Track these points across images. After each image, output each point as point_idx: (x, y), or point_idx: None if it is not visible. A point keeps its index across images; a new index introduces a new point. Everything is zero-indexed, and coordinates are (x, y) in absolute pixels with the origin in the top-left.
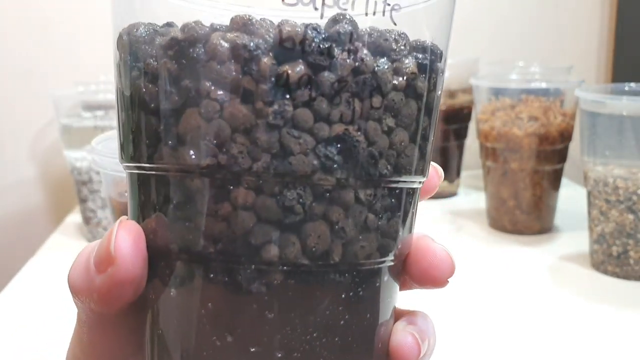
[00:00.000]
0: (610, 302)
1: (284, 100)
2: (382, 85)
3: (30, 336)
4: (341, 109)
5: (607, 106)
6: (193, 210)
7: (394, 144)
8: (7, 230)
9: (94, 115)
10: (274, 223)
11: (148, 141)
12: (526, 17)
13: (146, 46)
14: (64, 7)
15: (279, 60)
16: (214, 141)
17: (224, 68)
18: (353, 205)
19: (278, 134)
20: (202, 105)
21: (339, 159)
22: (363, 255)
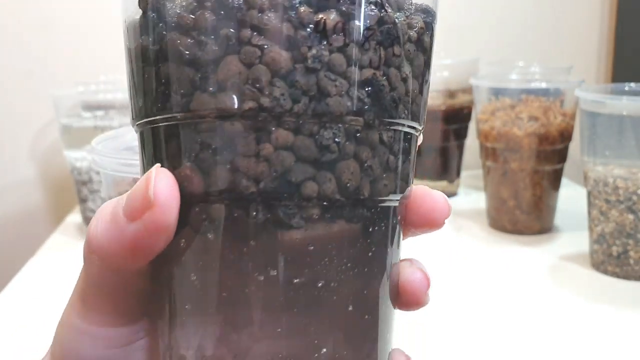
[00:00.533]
0: (610, 302)
1: (321, 45)
2: (400, 36)
3: (30, 336)
4: (369, 55)
5: (607, 106)
6: (234, 153)
7: (409, 92)
8: (7, 230)
9: (94, 115)
10: (312, 161)
11: (183, 91)
12: (526, 17)
13: (173, 2)
14: (64, 7)
15: (315, 9)
16: (256, 85)
17: (264, 16)
18: (378, 145)
19: (316, 77)
20: (242, 51)
21: (368, 101)
22: (385, 193)
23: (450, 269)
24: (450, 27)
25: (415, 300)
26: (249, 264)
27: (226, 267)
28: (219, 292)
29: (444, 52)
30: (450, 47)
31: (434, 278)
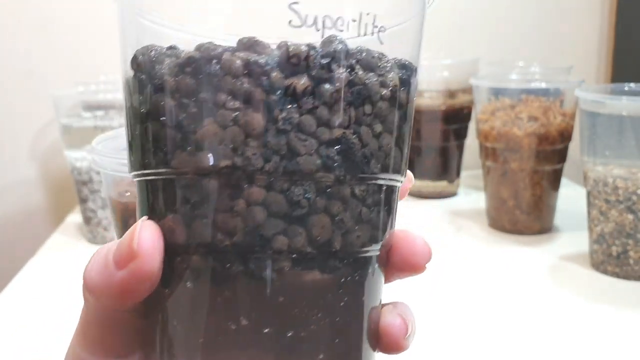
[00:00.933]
0: (610, 302)
1: (292, 108)
2: (372, 95)
3: (30, 336)
4: (339, 115)
5: (607, 106)
6: (210, 208)
7: (382, 146)
8: (7, 230)
9: (94, 115)
10: (283, 216)
11: (167, 149)
12: (526, 18)
13: (160, 65)
14: (64, 7)
15: (286, 74)
16: (230, 145)
17: (238, 82)
18: (350, 199)
19: (286, 138)
20: (218, 114)
21: (338, 159)
22: (358, 244)
23: (450, 269)
24: (450, 27)
25: (394, 345)
26: (223, 313)
27: (203, 315)
28: (197, 338)
29: (444, 52)
30: (450, 47)
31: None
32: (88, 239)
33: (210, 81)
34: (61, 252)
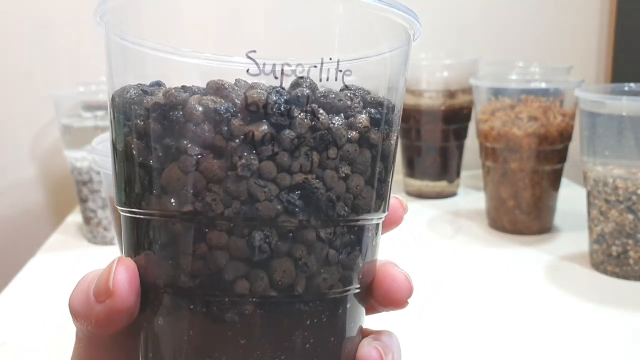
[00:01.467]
0: (610, 302)
1: (250, 155)
2: (337, 139)
3: (30, 336)
4: (300, 161)
5: (607, 106)
6: (175, 250)
7: (350, 188)
8: (7, 230)
9: (94, 115)
10: (245, 260)
11: (137, 190)
12: (526, 18)
13: (135, 106)
14: (64, 7)
15: (246, 121)
16: (191, 191)
17: (198, 129)
18: (315, 242)
19: (246, 184)
20: (180, 160)
21: (300, 204)
22: (325, 287)
23: (450, 269)
24: (450, 27)
25: None
26: (189, 351)
27: (172, 351)
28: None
29: (444, 52)
30: (450, 47)
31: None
32: (88, 239)
33: (173, 127)
34: (61, 252)
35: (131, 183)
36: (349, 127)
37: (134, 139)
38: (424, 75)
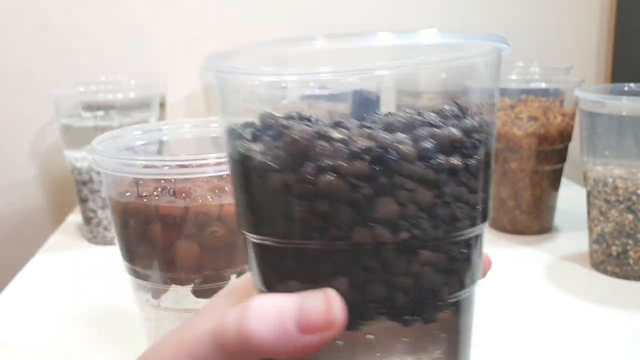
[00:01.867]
0: (610, 302)
1: (454, 183)
2: (492, 160)
3: (30, 336)
4: (481, 181)
5: (607, 106)
6: (388, 271)
7: (489, 198)
8: (7, 229)
9: (94, 115)
10: (445, 271)
11: (344, 225)
12: (526, 18)
13: (322, 150)
14: (64, 7)
15: (447, 156)
16: (408, 220)
17: (413, 165)
18: (482, 245)
19: (449, 208)
20: (397, 194)
21: (480, 215)
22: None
23: None
24: (449, 28)
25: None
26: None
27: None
28: None
29: (444, 53)
30: (449, 48)
31: None
32: (88, 239)
33: (389, 167)
34: (61, 252)
35: (331, 219)
36: (491, 149)
37: (336, 179)
38: (422, 77)
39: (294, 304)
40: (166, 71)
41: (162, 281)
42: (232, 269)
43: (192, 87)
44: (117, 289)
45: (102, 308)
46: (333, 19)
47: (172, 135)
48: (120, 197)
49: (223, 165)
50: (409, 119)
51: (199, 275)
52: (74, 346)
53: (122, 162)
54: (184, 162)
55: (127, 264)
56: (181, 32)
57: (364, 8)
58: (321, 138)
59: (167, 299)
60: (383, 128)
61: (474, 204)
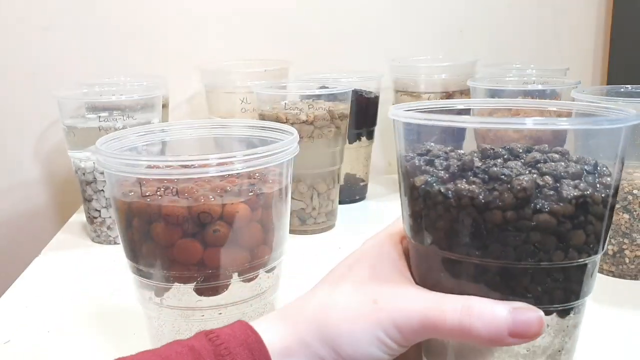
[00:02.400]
0: (606, 301)
1: (608, 219)
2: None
3: (35, 334)
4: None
5: None
6: (569, 281)
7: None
8: (12, 229)
9: (97, 116)
10: (589, 280)
11: (550, 249)
12: (523, 21)
13: (543, 193)
14: (67, 9)
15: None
16: (590, 244)
17: (600, 208)
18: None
19: (605, 236)
20: (586, 228)
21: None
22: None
23: None
24: (448, 29)
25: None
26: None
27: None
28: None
29: (443, 54)
30: (448, 49)
31: None
32: (92, 238)
33: (586, 209)
34: (65, 251)
35: (541, 245)
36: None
37: (547, 216)
38: (422, 77)
39: (508, 315)
40: (169, 73)
41: (165, 279)
42: (233, 268)
43: (194, 89)
44: (121, 287)
45: (106, 306)
46: (333, 19)
47: (175, 136)
48: (123, 196)
49: (224, 166)
50: (578, 168)
51: (201, 273)
52: (78, 344)
53: (125, 162)
54: (186, 162)
55: (131, 263)
56: (183, 34)
57: (364, 6)
58: (537, 186)
59: (170, 296)
60: (569, 176)
61: (607, 235)
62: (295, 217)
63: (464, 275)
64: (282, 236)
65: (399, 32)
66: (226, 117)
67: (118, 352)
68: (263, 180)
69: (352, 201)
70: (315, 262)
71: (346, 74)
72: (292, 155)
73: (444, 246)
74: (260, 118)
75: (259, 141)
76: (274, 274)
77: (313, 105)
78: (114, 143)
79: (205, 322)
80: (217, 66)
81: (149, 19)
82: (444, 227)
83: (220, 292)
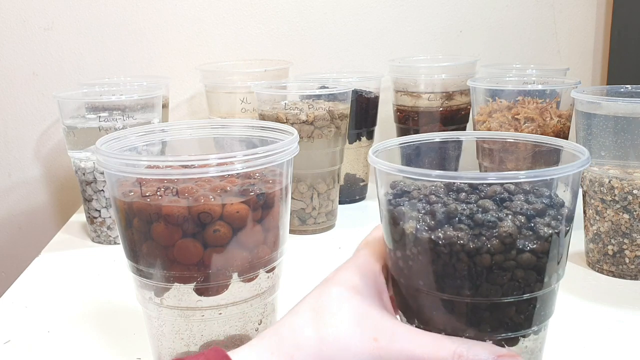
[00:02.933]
0: (606, 301)
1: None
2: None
3: (35, 333)
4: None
5: (603, 107)
6: (551, 303)
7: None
8: (12, 228)
9: (98, 116)
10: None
11: (533, 282)
12: (523, 20)
13: (527, 236)
14: (68, 10)
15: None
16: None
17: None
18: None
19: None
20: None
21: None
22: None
23: None
24: (448, 29)
25: None
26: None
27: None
28: None
29: (443, 54)
30: (448, 49)
31: None
32: (92, 238)
33: (557, 245)
34: (65, 251)
35: (525, 280)
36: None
37: (530, 255)
38: (422, 77)
39: (491, 356)
40: (169, 73)
41: (165, 279)
42: (233, 268)
43: (194, 89)
44: (121, 287)
45: (106, 306)
46: (333, 19)
47: (175, 136)
48: (124, 196)
49: (224, 166)
50: (541, 205)
51: (201, 273)
52: (78, 343)
53: (125, 162)
54: (186, 162)
55: (131, 263)
56: (183, 35)
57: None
58: (522, 230)
59: (170, 297)
60: (537, 214)
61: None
62: (295, 217)
63: (455, 313)
64: (282, 236)
65: (399, 32)
66: (226, 117)
67: (118, 352)
68: (263, 180)
69: (352, 201)
70: (315, 262)
71: (346, 74)
72: (292, 155)
73: (435, 288)
74: (260, 118)
75: (259, 141)
76: (274, 274)
77: (313, 105)
78: (114, 143)
79: (205, 322)
80: (217, 66)
81: (149, 19)
82: (435, 271)
83: (220, 292)
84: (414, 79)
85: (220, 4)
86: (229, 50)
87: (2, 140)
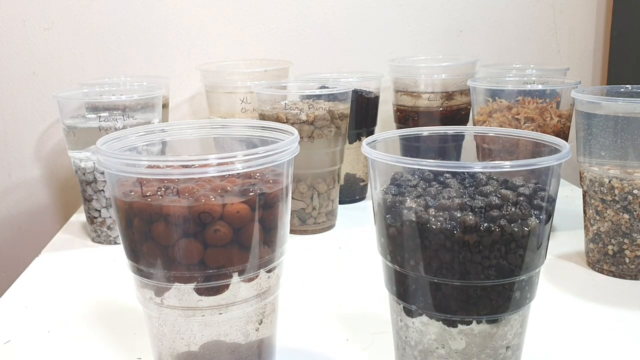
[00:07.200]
0: (606, 301)
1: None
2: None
3: (35, 334)
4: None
5: (603, 107)
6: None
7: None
8: (12, 228)
9: (98, 116)
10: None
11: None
12: (523, 20)
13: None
14: (68, 9)
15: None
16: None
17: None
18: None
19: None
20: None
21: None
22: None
23: None
24: (448, 29)
25: None
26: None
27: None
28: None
29: (443, 54)
30: (448, 49)
31: None
32: (92, 238)
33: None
34: (66, 251)
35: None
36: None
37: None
38: (422, 77)
39: None
40: (169, 73)
41: (165, 279)
42: (234, 268)
43: (194, 89)
44: (121, 287)
45: (106, 306)
46: (333, 19)
47: (175, 136)
48: (124, 196)
49: (225, 166)
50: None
51: (201, 273)
52: (78, 343)
53: (126, 162)
54: (186, 162)
55: (131, 263)
56: (184, 34)
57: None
58: (507, 214)
59: (170, 297)
60: (522, 201)
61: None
62: (296, 217)
63: (442, 294)
64: (282, 236)
65: (399, 32)
66: (226, 117)
67: (118, 352)
68: (263, 180)
69: (352, 201)
70: (315, 262)
71: (346, 74)
72: (292, 155)
73: (424, 270)
74: (260, 118)
75: (259, 141)
76: (274, 274)
77: (313, 105)
78: (114, 143)
79: (205, 322)
80: (217, 66)
81: (149, 19)
82: (425, 253)
83: (221, 292)
84: (414, 78)
85: (220, 3)
86: (229, 50)
87: (2, 140)
